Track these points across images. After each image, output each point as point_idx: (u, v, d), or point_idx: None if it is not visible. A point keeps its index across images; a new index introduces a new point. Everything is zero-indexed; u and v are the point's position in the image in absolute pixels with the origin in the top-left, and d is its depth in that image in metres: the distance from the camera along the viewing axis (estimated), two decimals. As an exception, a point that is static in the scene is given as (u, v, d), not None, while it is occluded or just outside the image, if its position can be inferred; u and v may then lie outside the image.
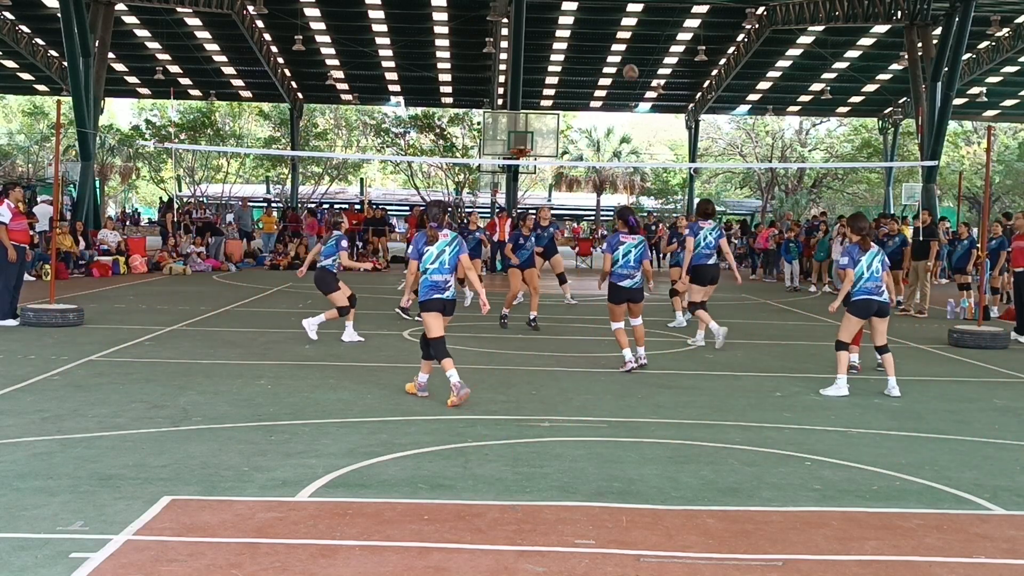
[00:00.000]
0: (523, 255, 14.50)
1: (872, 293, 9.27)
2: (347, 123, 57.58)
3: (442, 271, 8.31)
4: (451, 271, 8.36)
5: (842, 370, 9.32)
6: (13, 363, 9.83)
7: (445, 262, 8.33)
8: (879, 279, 9.28)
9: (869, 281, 9.26)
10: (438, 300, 8.33)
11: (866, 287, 9.27)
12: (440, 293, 8.32)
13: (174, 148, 38.95)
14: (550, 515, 5.30)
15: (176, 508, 5.25)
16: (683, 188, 54.50)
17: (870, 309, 9.32)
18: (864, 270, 9.26)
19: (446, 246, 8.35)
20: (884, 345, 9.50)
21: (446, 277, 8.33)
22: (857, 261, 9.32)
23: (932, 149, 29.24)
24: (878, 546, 4.95)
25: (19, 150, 55.12)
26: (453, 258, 8.37)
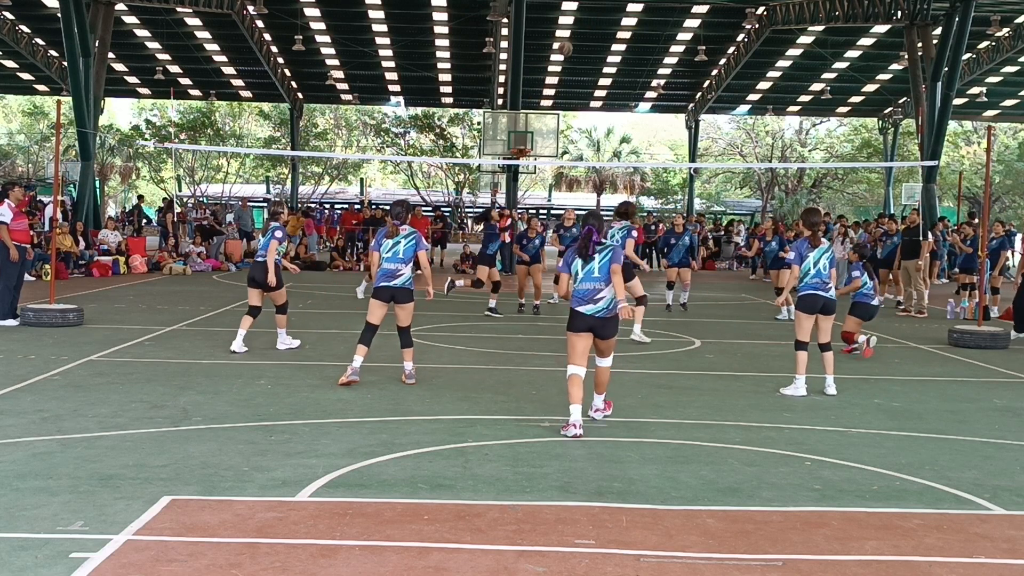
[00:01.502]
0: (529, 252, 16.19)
1: (818, 289, 9.20)
2: (347, 123, 57.57)
3: (394, 260, 8.97)
4: (404, 261, 8.99)
5: (800, 370, 9.26)
6: (13, 363, 9.83)
7: (399, 252, 8.99)
8: (826, 276, 9.23)
9: (815, 277, 9.20)
10: (385, 289, 9.00)
11: (812, 283, 9.21)
12: (388, 281, 8.99)
13: (174, 148, 38.94)
14: (550, 515, 5.30)
15: (176, 508, 5.25)
16: (683, 188, 54.48)
17: (816, 305, 9.23)
18: (811, 266, 9.22)
19: (402, 239, 9.03)
20: (827, 343, 9.42)
21: (397, 266, 8.97)
22: (804, 257, 9.25)
23: (932, 149, 29.23)
24: (878, 546, 4.95)
25: (19, 150, 55.11)
26: (409, 250, 9.01)
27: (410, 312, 9.20)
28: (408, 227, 9.16)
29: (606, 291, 7.40)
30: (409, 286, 9.06)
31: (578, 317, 7.48)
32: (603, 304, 7.39)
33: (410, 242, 9.09)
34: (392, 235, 9.06)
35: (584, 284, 7.45)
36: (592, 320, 7.41)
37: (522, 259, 16.25)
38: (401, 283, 9.03)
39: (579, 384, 7.42)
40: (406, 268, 9.02)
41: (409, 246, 9.07)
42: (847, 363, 11.48)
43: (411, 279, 9.08)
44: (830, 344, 9.48)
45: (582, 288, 7.46)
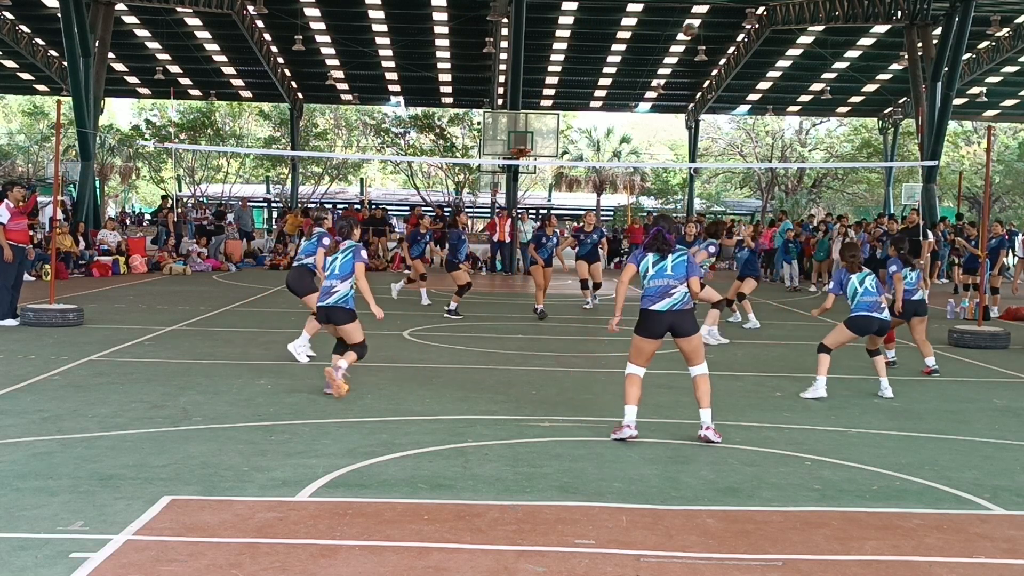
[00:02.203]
0: (544, 253, 15.84)
1: (872, 310, 9.13)
2: (347, 123, 57.54)
3: (331, 276, 8.58)
4: (339, 278, 8.51)
5: (822, 372, 9.19)
6: (13, 363, 9.83)
7: (336, 269, 8.56)
8: (876, 294, 9.16)
9: (865, 296, 9.15)
10: (320, 309, 8.65)
11: (865, 302, 9.15)
12: (323, 300, 8.60)
13: (174, 148, 38.92)
14: (550, 515, 5.30)
15: (176, 508, 5.25)
16: (683, 188, 54.47)
17: (869, 327, 9.21)
18: (857, 286, 9.19)
19: (340, 254, 8.62)
20: (876, 349, 9.48)
21: (332, 283, 8.53)
22: (844, 284, 9.29)
23: (932, 149, 29.23)
24: (878, 546, 4.95)
25: (19, 150, 55.07)
26: (345, 266, 8.54)
27: (353, 331, 8.53)
28: (350, 242, 8.72)
29: (680, 288, 7.17)
30: (344, 304, 8.48)
31: (651, 318, 7.16)
32: (678, 296, 7.13)
33: (347, 256, 8.59)
34: (332, 251, 8.72)
35: (656, 281, 7.18)
36: (669, 316, 7.12)
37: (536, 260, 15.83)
38: (335, 301, 8.48)
39: (638, 383, 7.22)
40: (341, 285, 8.49)
41: (346, 261, 8.57)
42: (847, 363, 11.47)
43: (347, 297, 8.49)
44: (879, 349, 9.42)
45: (654, 285, 7.18)
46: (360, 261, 8.58)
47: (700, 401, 7.31)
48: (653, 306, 7.16)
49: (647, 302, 7.20)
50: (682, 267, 7.20)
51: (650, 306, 7.17)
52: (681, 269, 7.20)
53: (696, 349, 7.32)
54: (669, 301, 7.14)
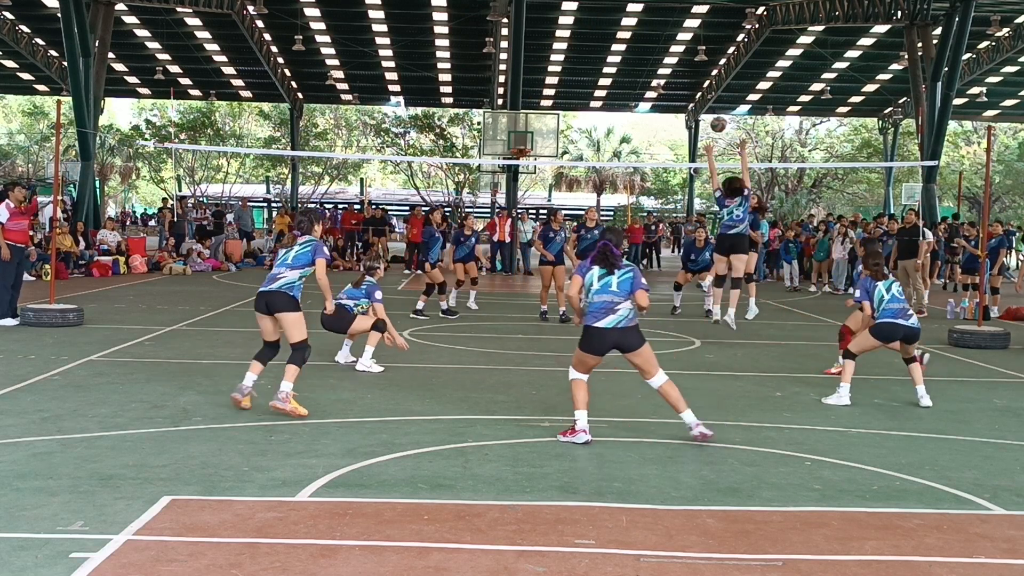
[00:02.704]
0: (553, 249, 14.71)
1: (898, 316, 8.83)
2: (347, 123, 57.57)
3: (280, 264, 7.90)
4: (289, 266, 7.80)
5: (846, 379, 8.96)
6: (13, 363, 9.83)
7: (288, 259, 7.91)
8: (902, 300, 8.92)
9: (892, 303, 8.85)
10: (259, 296, 7.90)
11: (891, 309, 8.84)
12: (266, 285, 7.87)
13: (174, 148, 38.94)
14: (550, 515, 5.30)
15: (176, 508, 5.25)
16: (683, 188, 54.48)
17: (895, 334, 8.88)
18: (883, 293, 8.88)
19: (296, 246, 8.02)
20: (912, 356, 9.10)
21: (279, 270, 7.83)
22: (871, 292, 8.96)
23: (932, 149, 29.24)
24: (878, 546, 4.95)
25: (19, 150, 55.10)
26: (300, 258, 7.86)
27: (295, 323, 7.75)
28: (309, 236, 8.04)
29: (625, 304, 7.06)
30: (287, 291, 7.74)
31: (595, 336, 7.07)
32: (623, 313, 7.03)
33: (304, 249, 7.91)
34: (287, 245, 8.17)
35: (600, 296, 7.06)
36: (614, 334, 7.02)
37: (547, 259, 14.83)
38: (279, 287, 7.76)
39: (584, 388, 7.16)
40: (288, 272, 7.79)
41: (303, 252, 7.89)
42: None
43: (294, 285, 7.78)
44: (915, 356, 9.10)
45: (598, 301, 7.07)
46: (321, 257, 7.91)
47: (675, 408, 7.19)
48: (597, 323, 7.04)
49: (591, 318, 7.07)
50: (627, 283, 7.06)
51: (594, 323, 7.05)
52: (627, 286, 7.05)
53: (647, 361, 7.16)
54: (614, 318, 7.02)
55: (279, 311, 7.74)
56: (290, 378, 7.65)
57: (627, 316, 7.05)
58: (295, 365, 7.70)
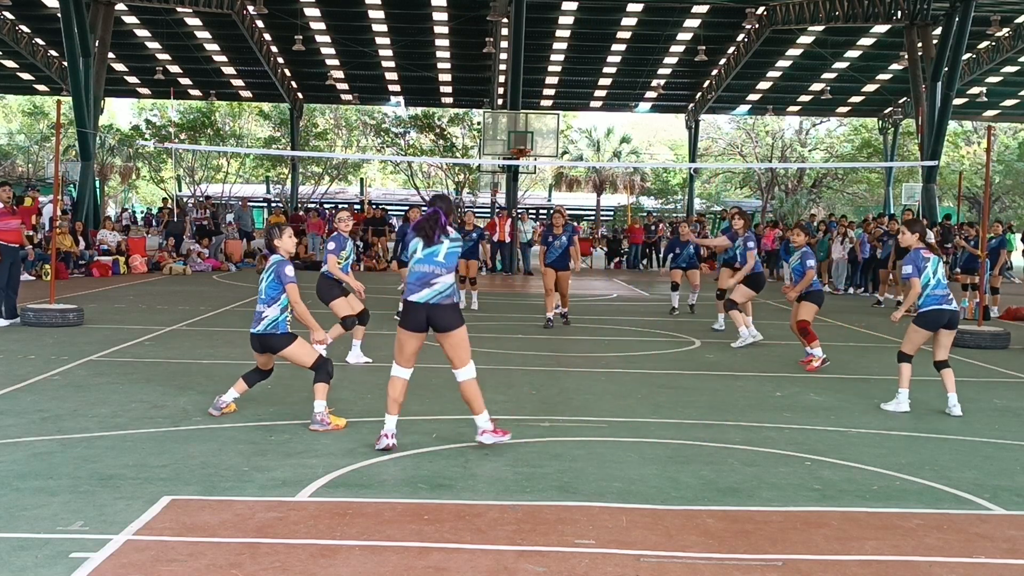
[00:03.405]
0: (553, 254, 14.04)
1: (943, 303, 8.39)
2: (347, 123, 57.57)
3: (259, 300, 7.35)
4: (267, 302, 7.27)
5: (904, 383, 8.58)
6: (13, 363, 9.83)
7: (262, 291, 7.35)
8: (946, 286, 8.52)
9: (937, 288, 8.39)
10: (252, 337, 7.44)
11: (936, 295, 8.39)
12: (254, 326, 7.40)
13: (174, 148, 38.94)
14: (550, 515, 5.29)
15: (176, 508, 5.25)
16: (683, 188, 54.47)
17: (941, 320, 8.42)
18: (930, 276, 8.38)
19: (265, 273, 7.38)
20: (944, 360, 8.65)
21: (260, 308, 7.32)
22: (922, 269, 8.40)
23: (932, 149, 29.25)
24: (878, 546, 4.95)
25: (19, 150, 55.08)
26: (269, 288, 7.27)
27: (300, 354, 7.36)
28: (274, 256, 7.43)
29: (445, 278, 6.58)
30: (275, 330, 7.26)
31: (411, 310, 6.58)
32: (439, 288, 6.54)
33: (269, 277, 7.28)
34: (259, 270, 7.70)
35: (421, 266, 6.55)
36: (426, 308, 6.52)
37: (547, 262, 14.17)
38: (263, 329, 7.27)
39: (400, 388, 6.63)
40: (268, 309, 7.26)
41: (269, 282, 7.27)
42: (848, 363, 11.48)
43: (279, 321, 7.28)
44: (948, 361, 8.67)
45: (417, 271, 6.55)
46: (290, 283, 7.23)
47: (472, 409, 6.68)
48: (412, 296, 6.58)
49: (408, 291, 6.62)
50: (454, 256, 6.66)
51: (409, 296, 6.60)
52: (453, 259, 6.64)
53: (456, 347, 6.62)
54: (429, 292, 6.54)
55: (278, 351, 7.35)
56: (322, 396, 7.27)
57: (443, 291, 6.57)
58: (323, 383, 7.31)
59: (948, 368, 8.67)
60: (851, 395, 9.31)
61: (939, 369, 8.66)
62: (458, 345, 6.62)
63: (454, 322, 6.58)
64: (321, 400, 7.27)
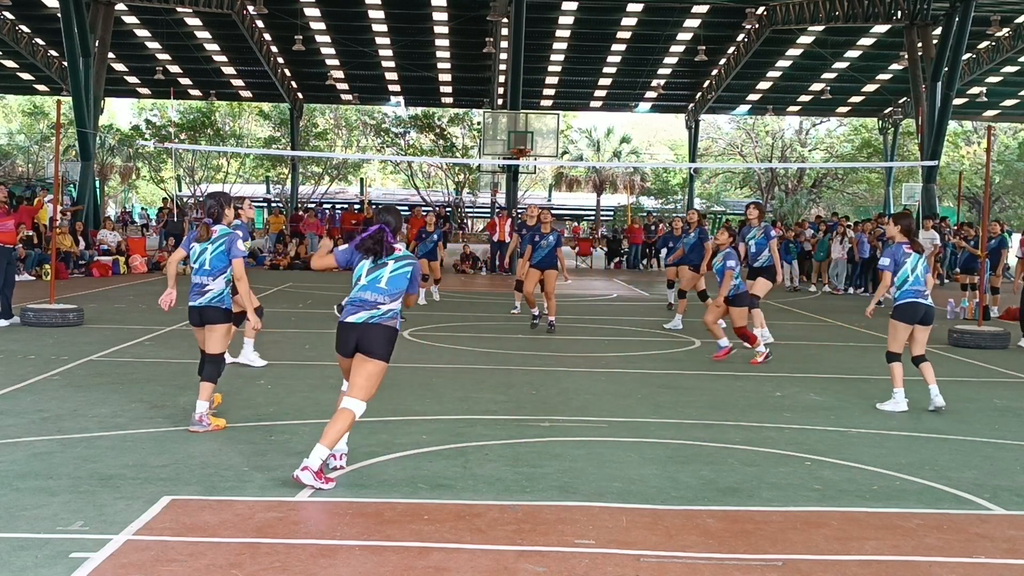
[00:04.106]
0: (540, 253, 13.67)
1: (919, 297, 8.53)
2: (347, 123, 57.58)
3: (200, 272, 7.10)
4: (211, 274, 7.07)
5: (898, 383, 8.65)
6: (13, 363, 9.83)
7: (206, 262, 7.08)
8: (923, 283, 8.65)
9: (915, 284, 8.54)
10: (193, 310, 7.15)
11: (912, 290, 8.54)
12: (195, 299, 7.11)
13: (174, 148, 38.95)
14: (550, 515, 5.29)
15: (176, 508, 5.25)
16: (683, 188, 54.50)
17: (917, 314, 8.55)
18: (909, 273, 8.54)
19: (210, 244, 7.10)
20: (922, 355, 8.72)
21: (203, 280, 7.07)
22: (901, 264, 8.57)
23: (932, 149, 29.25)
24: (878, 546, 4.95)
25: (19, 150, 55.11)
26: (217, 260, 7.07)
27: (220, 336, 7.13)
28: (221, 227, 7.16)
29: (388, 305, 5.90)
30: (219, 304, 7.06)
31: (342, 331, 5.93)
32: (378, 312, 5.88)
33: (218, 248, 7.07)
34: (203, 239, 7.12)
35: (363, 293, 5.90)
36: (358, 329, 5.86)
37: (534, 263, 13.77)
38: (208, 300, 7.05)
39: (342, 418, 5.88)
40: (214, 282, 7.06)
41: (217, 254, 7.06)
42: (848, 363, 11.48)
43: (223, 295, 7.10)
44: (925, 355, 8.75)
45: (359, 297, 5.91)
46: (237, 256, 7.08)
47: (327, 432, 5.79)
48: (348, 318, 5.91)
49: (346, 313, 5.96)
50: (401, 280, 5.93)
51: (345, 318, 5.94)
52: (399, 282, 5.93)
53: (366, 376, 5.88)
54: (365, 315, 5.88)
55: (211, 323, 7.08)
56: (206, 397, 7.02)
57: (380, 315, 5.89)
58: (211, 382, 7.04)
59: (926, 362, 8.77)
60: (851, 395, 9.31)
61: (917, 364, 8.77)
62: (368, 378, 5.89)
63: (381, 350, 5.87)
64: (205, 402, 7.04)
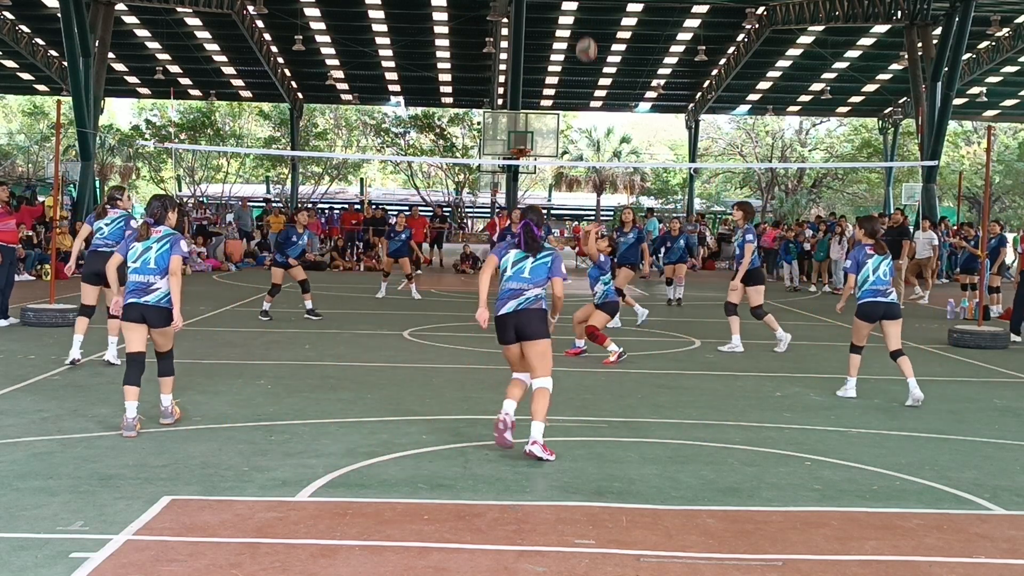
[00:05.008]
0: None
1: (878, 296, 9.00)
2: (347, 123, 57.58)
3: (144, 270, 7.15)
4: (157, 272, 7.13)
5: (853, 372, 9.20)
6: (13, 363, 9.83)
7: (150, 260, 7.15)
8: (886, 282, 9.03)
9: (875, 284, 9.00)
10: (134, 307, 7.13)
11: (871, 289, 9.02)
12: (138, 297, 7.13)
13: (174, 148, 38.95)
14: (550, 515, 5.30)
15: (176, 508, 5.25)
16: (683, 188, 54.49)
17: (876, 312, 9.02)
18: (870, 273, 9.02)
19: (154, 243, 7.19)
20: (898, 349, 9.06)
21: (148, 278, 7.13)
22: (862, 264, 9.05)
23: (932, 149, 29.25)
24: (878, 546, 4.95)
25: (19, 150, 55.10)
26: (162, 258, 7.16)
27: (170, 336, 7.32)
28: (164, 228, 7.30)
29: (532, 291, 6.66)
30: (165, 304, 7.15)
31: (500, 323, 6.70)
32: (525, 299, 6.64)
33: (163, 247, 7.19)
34: (143, 238, 7.22)
35: (510, 283, 6.69)
36: (512, 318, 6.61)
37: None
38: (155, 300, 7.11)
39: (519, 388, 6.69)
40: (160, 280, 7.14)
41: (162, 252, 7.17)
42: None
43: (167, 296, 7.16)
44: (902, 349, 9.08)
45: (507, 288, 6.69)
46: (178, 254, 7.21)
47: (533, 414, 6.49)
48: (501, 311, 6.67)
49: (498, 306, 6.70)
50: (542, 268, 6.71)
51: (499, 311, 6.68)
52: (541, 271, 6.70)
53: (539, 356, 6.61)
54: (515, 303, 6.65)
55: (156, 325, 7.18)
56: (169, 390, 7.34)
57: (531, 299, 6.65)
58: (171, 376, 7.37)
59: (904, 356, 9.06)
60: (855, 392, 9.31)
61: (895, 359, 9.06)
62: (542, 357, 6.61)
63: (540, 332, 6.61)
64: (168, 395, 7.34)
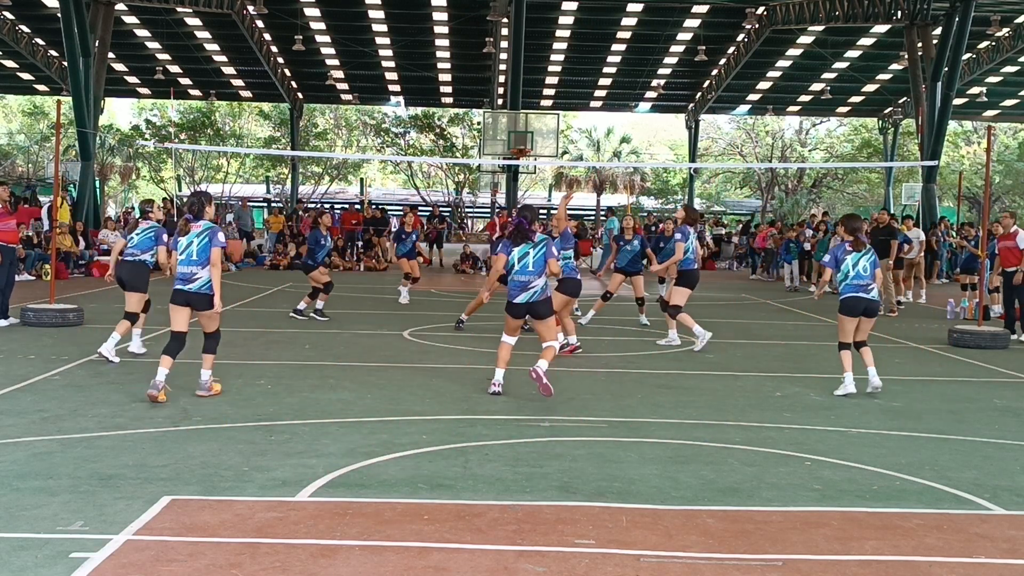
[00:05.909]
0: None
1: (860, 291, 9.24)
2: (347, 123, 57.58)
3: (188, 262, 8.17)
4: (199, 263, 8.14)
5: (847, 367, 9.34)
6: (13, 363, 9.83)
7: (193, 253, 8.15)
8: (868, 278, 9.24)
9: (856, 279, 9.23)
10: (180, 293, 8.22)
11: (853, 284, 9.24)
12: (184, 285, 8.20)
13: (174, 148, 38.96)
14: (550, 515, 5.30)
15: (176, 508, 5.25)
16: (683, 188, 54.50)
17: (858, 308, 9.27)
18: (850, 268, 9.25)
19: (195, 237, 8.17)
20: (862, 340, 9.47)
21: (192, 269, 8.14)
22: (841, 261, 9.31)
23: (932, 149, 29.26)
24: (878, 546, 4.95)
25: (19, 150, 55.09)
26: (203, 250, 8.14)
27: (215, 319, 8.35)
28: (204, 222, 8.27)
29: (538, 282, 8.56)
30: (208, 291, 8.16)
31: (512, 309, 8.71)
32: (536, 289, 8.59)
33: (203, 240, 8.16)
34: (184, 232, 8.22)
35: (519, 276, 8.57)
36: (524, 307, 8.66)
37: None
38: (197, 288, 8.16)
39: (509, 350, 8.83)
40: (202, 270, 8.16)
41: (203, 245, 8.15)
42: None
43: (208, 283, 8.15)
44: (866, 341, 9.48)
45: (517, 280, 8.59)
46: (217, 245, 8.16)
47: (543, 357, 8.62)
48: (515, 299, 8.64)
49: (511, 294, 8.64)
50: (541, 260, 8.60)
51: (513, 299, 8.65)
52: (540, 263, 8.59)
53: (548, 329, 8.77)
54: (527, 295, 8.61)
55: (200, 309, 8.22)
56: (210, 366, 8.35)
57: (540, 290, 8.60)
58: (212, 353, 8.38)
59: (866, 347, 9.47)
60: (851, 395, 9.31)
61: (858, 348, 9.45)
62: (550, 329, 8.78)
63: (549, 312, 8.74)
64: (209, 370, 8.34)
